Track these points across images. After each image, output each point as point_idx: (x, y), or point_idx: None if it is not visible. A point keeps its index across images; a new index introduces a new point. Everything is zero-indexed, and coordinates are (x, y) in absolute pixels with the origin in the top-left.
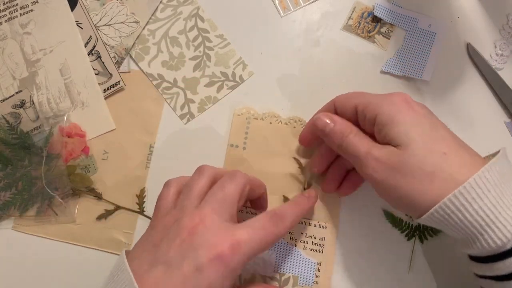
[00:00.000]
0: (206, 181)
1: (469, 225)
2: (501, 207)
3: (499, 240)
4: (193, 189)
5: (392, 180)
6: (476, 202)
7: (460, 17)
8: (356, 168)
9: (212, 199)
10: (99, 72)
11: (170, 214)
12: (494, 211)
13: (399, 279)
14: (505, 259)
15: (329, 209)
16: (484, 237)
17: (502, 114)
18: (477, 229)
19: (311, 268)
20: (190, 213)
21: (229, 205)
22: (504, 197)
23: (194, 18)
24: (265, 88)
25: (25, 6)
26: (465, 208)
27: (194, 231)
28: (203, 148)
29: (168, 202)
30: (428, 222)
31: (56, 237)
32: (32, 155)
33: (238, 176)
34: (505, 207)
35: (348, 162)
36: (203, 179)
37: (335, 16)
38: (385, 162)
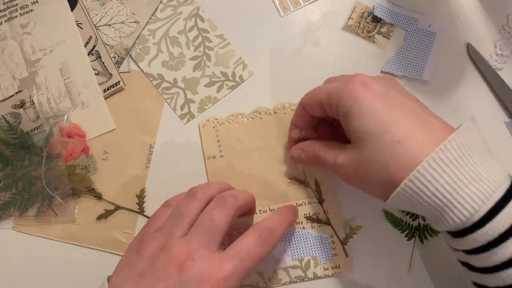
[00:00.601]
0: (197, 207)
1: (430, 207)
2: (459, 186)
3: (461, 217)
4: (184, 216)
5: (356, 181)
6: (432, 184)
7: (460, 17)
8: None
9: (201, 230)
10: (99, 72)
11: (156, 239)
12: (451, 191)
13: (398, 279)
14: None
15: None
16: (445, 216)
17: (502, 114)
18: (438, 209)
19: (326, 243)
20: (178, 244)
21: (218, 235)
22: (462, 174)
23: (194, 18)
24: (265, 88)
25: (25, 6)
26: (422, 191)
27: (182, 267)
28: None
29: (158, 224)
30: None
31: (56, 237)
32: (32, 155)
33: (228, 203)
34: (462, 185)
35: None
36: (195, 204)
37: (335, 16)
38: (348, 166)
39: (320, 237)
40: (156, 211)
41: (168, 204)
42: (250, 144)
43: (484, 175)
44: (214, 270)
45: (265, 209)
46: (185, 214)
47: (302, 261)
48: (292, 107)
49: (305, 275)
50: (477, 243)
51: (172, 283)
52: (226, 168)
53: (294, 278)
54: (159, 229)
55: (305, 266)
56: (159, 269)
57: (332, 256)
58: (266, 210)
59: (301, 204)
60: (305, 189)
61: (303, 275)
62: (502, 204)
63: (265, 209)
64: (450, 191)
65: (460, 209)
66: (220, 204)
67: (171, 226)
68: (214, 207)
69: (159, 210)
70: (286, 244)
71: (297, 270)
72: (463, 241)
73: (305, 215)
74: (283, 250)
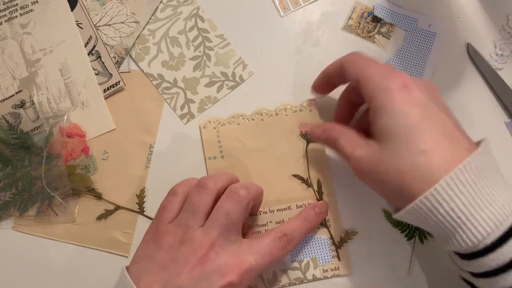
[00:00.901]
0: (209, 198)
1: (442, 226)
2: (474, 207)
3: (473, 239)
4: (199, 208)
5: (369, 179)
6: (448, 204)
7: (460, 17)
8: None
9: (218, 223)
10: (99, 72)
11: (174, 232)
12: (466, 212)
13: (398, 281)
14: (481, 257)
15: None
16: (457, 237)
17: (502, 114)
18: (450, 229)
19: (325, 245)
20: (199, 236)
21: (235, 227)
22: (478, 197)
23: (194, 18)
24: (265, 88)
25: (25, 6)
26: (437, 209)
27: (205, 259)
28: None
29: (172, 215)
30: (402, 219)
31: (56, 237)
32: (32, 155)
33: (242, 195)
34: (477, 207)
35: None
36: (206, 196)
37: (335, 16)
38: (365, 161)
39: (319, 238)
40: (164, 201)
41: (174, 192)
42: (251, 145)
43: (499, 199)
44: (238, 262)
45: (265, 210)
46: (198, 206)
47: (301, 262)
48: (294, 108)
49: (305, 276)
50: (487, 267)
51: (196, 274)
52: (226, 168)
53: (294, 280)
54: (175, 222)
55: (305, 268)
56: (181, 261)
57: (331, 258)
58: (267, 211)
59: (301, 206)
60: (306, 191)
61: (302, 277)
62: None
63: (265, 210)
64: (465, 212)
65: (473, 231)
66: (234, 196)
67: (186, 218)
68: (228, 199)
69: (167, 199)
70: None
71: (296, 272)
72: (472, 263)
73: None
74: None
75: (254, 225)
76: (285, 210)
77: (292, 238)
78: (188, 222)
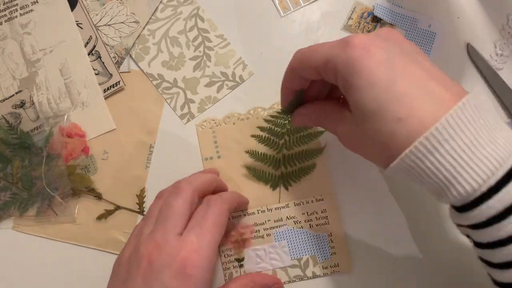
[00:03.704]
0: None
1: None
2: (475, 146)
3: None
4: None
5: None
6: (449, 143)
7: (460, 17)
8: None
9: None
10: (99, 72)
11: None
12: (468, 151)
13: (398, 278)
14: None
15: (321, 182)
16: (463, 178)
17: (502, 114)
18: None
19: (324, 242)
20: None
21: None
22: (479, 135)
23: (194, 18)
24: (265, 88)
25: (25, 6)
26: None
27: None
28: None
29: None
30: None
31: (56, 237)
32: (32, 155)
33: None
34: (479, 146)
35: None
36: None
37: (335, 16)
38: (348, 136)
39: (318, 236)
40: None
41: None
42: (247, 144)
43: (499, 138)
44: (180, 248)
45: (263, 209)
46: (150, 214)
47: (300, 260)
48: None
49: (304, 274)
50: (493, 210)
51: (148, 276)
52: (223, 168)
53: (293, 277)
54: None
55: (304, 265)
56: (134, 269)
57: (330, 255)
58: (264, 210)
59: (299, 204)
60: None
61: (302, 274)
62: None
63: (263, 209)
64: (468, 152)
65: (477, 170)
66: (175, 190)
67: (141, 228)
68: (169, 194)
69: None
70: (285, 243)
71: (296, 269)
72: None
73: (304, 214)
74: (283, 250)
75: (252, 223)
76: (283, 208)
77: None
78: (141, 230)
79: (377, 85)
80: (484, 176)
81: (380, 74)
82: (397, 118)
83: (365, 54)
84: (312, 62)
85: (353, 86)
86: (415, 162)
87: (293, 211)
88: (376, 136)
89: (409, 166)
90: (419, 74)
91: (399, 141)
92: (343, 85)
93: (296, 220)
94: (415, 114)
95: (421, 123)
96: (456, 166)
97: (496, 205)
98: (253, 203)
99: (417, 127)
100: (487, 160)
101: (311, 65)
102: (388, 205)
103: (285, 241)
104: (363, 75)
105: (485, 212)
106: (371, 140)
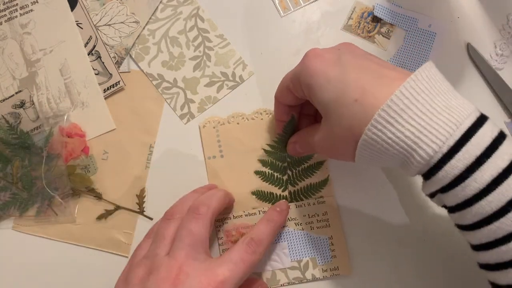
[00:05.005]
0: (176, 225)
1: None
2: (431, 113)
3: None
4: (164, 236)
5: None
6: (406, 113)
7: (460, 17)
8: None
9: (183, 244)
10: (99, 72)
11: (142, 265)
12: (425, 118)
13: (398, 281)
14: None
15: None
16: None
17: (502, 114)
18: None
19: (325, 245)
20: (165, 262)
21: (201, 245)
22: (434, 103)
23: (194, 18)
24: (265, 88)
25: (25, 6)
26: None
27: (176, 282)
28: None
29: (143, 251)
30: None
31: (56, 237)
32: (32, 155)
33: (202, 212)
34: (435, 112)
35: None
36: (173, 224)
37: (335, 16)
38: (323, 141)
39: (319, 238)
40: (140, 242)
41: (149, 235)
42: (251, 145)
43: (454, 105)
44: (211, 277)
45: (265, 210)
46: (165, 235)
47: (300, 262)
48: None
49: (304, 276)
50: (457, 169)
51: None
52: (226, 168)
53: (293, 279)
54: (144, 256)
55: (304, 268)
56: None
57: (330, 258)
58: (266, 211)
59: (300, 206)
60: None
61: (301, 277)
62: (475, 128)
63: (264, 210)
64: (424, 118)
65: (436, 133)
66: (194, 215)
67: (154, 249)
68: (189, 219)
69: (142, 241)
70: (285, 244)
71: (295, 272)
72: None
73: (305, 216)
74: (283, 251)
75: (253, 224)
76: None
77: (259, 240)
78: (155, 251)
79: (332, 79)
80: (443, 138)
81: (333, 70)
82: (354, 99)
83: (317, 58)
84: (284, 84)
85: (313, 86)
86: (377, 134)
87: (294, 212)
88: (341, 122)
89: (372, 140)
90: (369, 65)
91: (360, 120)
92: (307, 91)
93: (297, 222)
94: (369, 92)
95: (375, 99)
96: (415, 131)
97: (458, 164)
98: (256, 200)
99: (373, 103)
100: (444, 123)
101: (284, 87)
102: (389, 208)
103: (286, 242)
104: (319, 74)
105: (449, 172)
106: (339, 131)
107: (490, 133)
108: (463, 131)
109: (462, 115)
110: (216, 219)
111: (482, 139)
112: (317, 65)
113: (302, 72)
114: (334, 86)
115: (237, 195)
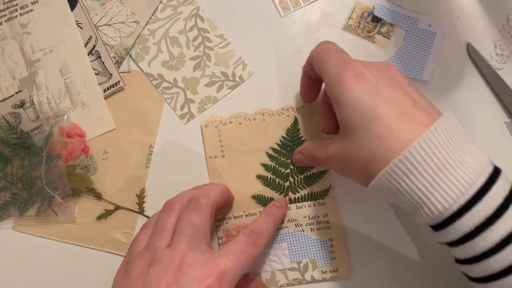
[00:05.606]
0: (176, 217)
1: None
2: (447, 169)
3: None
4: (164, 227)
5: (344, 173)
6: (422, 166)
7: (460, 17)
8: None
9: (184, 235)
10: (99, 72)
11: (142, 257)
12: (440, 174)
13: (398, 284)
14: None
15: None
16: (435, 198)
17: (502, 114)
18: (426, 192)
19: (325, 246)
20: (166, 254)
21: (202, 236)
22: (450, 158)
23: (194, 18)
24: (265, 88)
25: (25, 6)
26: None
27: (179, 273)
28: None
29: (141, 244)
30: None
31: (56, 237)
32: (32, 155)
33: (202, 204)
34: (450, 168)
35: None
36: (173, 215)
37: (335, 16)
38: (336, 158)
39: (319, 240)
40: (136, 235)
41: (146, 226)
42: (252, 145)
43: (469, 160)
44: (212, 267)
45: None
46: (165, 227)
47: (300, 263)
48: (295, 109)
49: (303, 277)
50: (466, 227)
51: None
52: (227, 168)
53: (292, 280)
54: (143, 248)
55: (303, 269)
56: (154, 281)
57: (330, 259)
58: None
59: (301, 207)
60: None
61: (300, 278)
62: (488, 187)
63: None
64: (439, 174)
65: (448, 191)
66: (195, 206)
67: (153, 241)
68: (190, 210)
69: (139, 233)
70: (285, 245)
71: (295, 273)
72: (449, 230)
73: (305, 217)
74: (283, 252)
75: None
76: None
77: (260, 233)
78: (156, 243)
79: (362, 107)
80: (454, 196)
81: (367, 98)
82: (376, 135)
83: (358, 78)
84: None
85: (340, 102)
86: (391, 182)
87: (294, 214)
88: (359, 152)
89: (386, 186)
90: (403, 100)
91: (377, 158)
92: (334, 100)
93: (298, 223)
94: (393, 133)
95: (398, 141)
96: (428, 187)
97: (467, 223)
98: (255, 204)
99: (394, 145)
100: (457, 181)
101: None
102: (389, 211)
103: (286, 243)
104: (351, 95)
105: (459, 229)
106: (354, 158)
107: (502, 193)
108: (475, 190)
109: (476, 172)
110: (216, 219)
111: (493, 198)
112: (353, 85)
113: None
114: (362, 114)
115: (237, 195)
